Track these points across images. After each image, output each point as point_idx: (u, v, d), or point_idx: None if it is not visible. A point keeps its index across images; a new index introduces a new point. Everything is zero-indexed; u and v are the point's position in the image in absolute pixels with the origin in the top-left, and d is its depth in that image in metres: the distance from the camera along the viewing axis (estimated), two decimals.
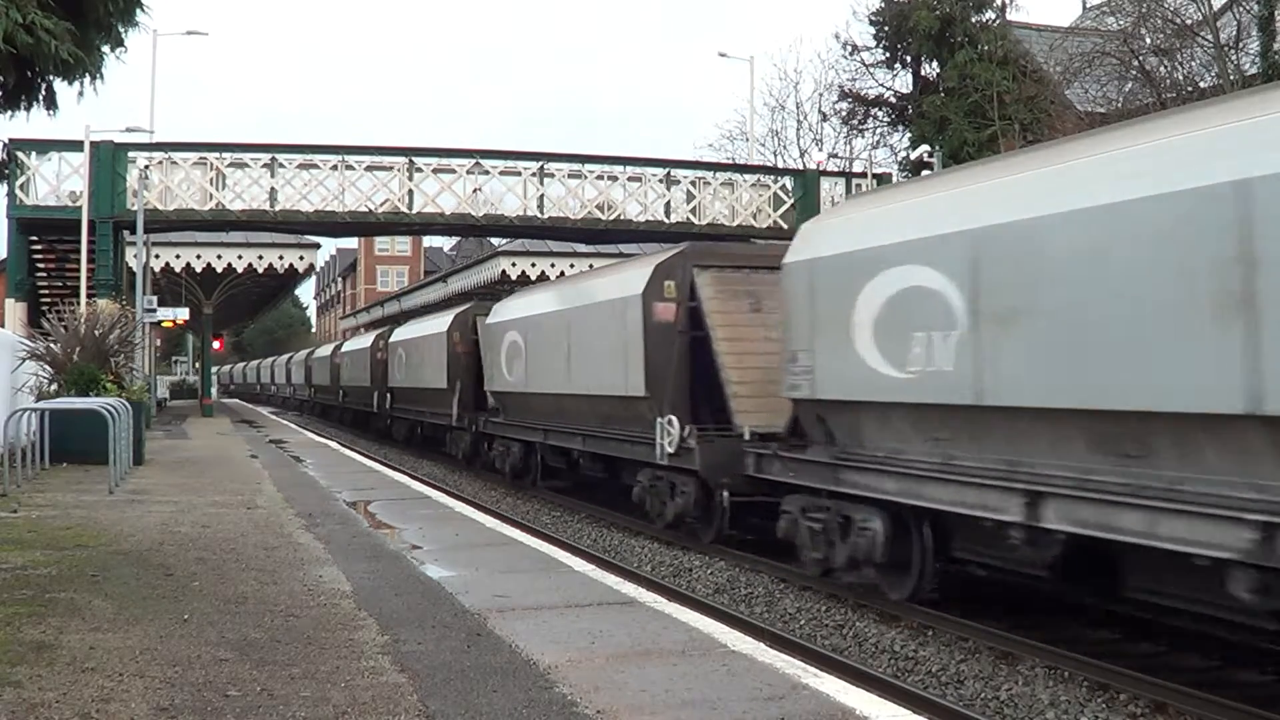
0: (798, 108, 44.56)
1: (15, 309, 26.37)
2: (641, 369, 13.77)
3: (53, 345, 20.10)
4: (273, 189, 27.95)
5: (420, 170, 29.08)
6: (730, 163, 38.09)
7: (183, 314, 34.16)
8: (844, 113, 39.75)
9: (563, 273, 39.01)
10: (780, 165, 40.03)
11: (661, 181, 30.49)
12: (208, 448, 23.36)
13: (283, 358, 73.00)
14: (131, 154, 27.41)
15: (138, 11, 12.43)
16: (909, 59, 37.28)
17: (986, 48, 32.70)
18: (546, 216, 29.65)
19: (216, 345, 50.41)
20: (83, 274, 25.97)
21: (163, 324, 34.73)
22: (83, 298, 25.21)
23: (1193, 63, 25.14)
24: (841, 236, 10.23)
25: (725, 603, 10.50)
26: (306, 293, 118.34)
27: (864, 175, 32.75)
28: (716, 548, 12.98)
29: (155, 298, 31.07)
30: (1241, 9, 24.33)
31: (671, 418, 13.00)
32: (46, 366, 19.89)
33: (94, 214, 26.34)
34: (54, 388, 19.34)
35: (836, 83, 39.90)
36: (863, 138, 40.54)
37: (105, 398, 16.72)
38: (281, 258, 36.87)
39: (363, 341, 37.44)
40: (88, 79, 11.98)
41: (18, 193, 26.22)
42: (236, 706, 5.05)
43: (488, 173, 29.36)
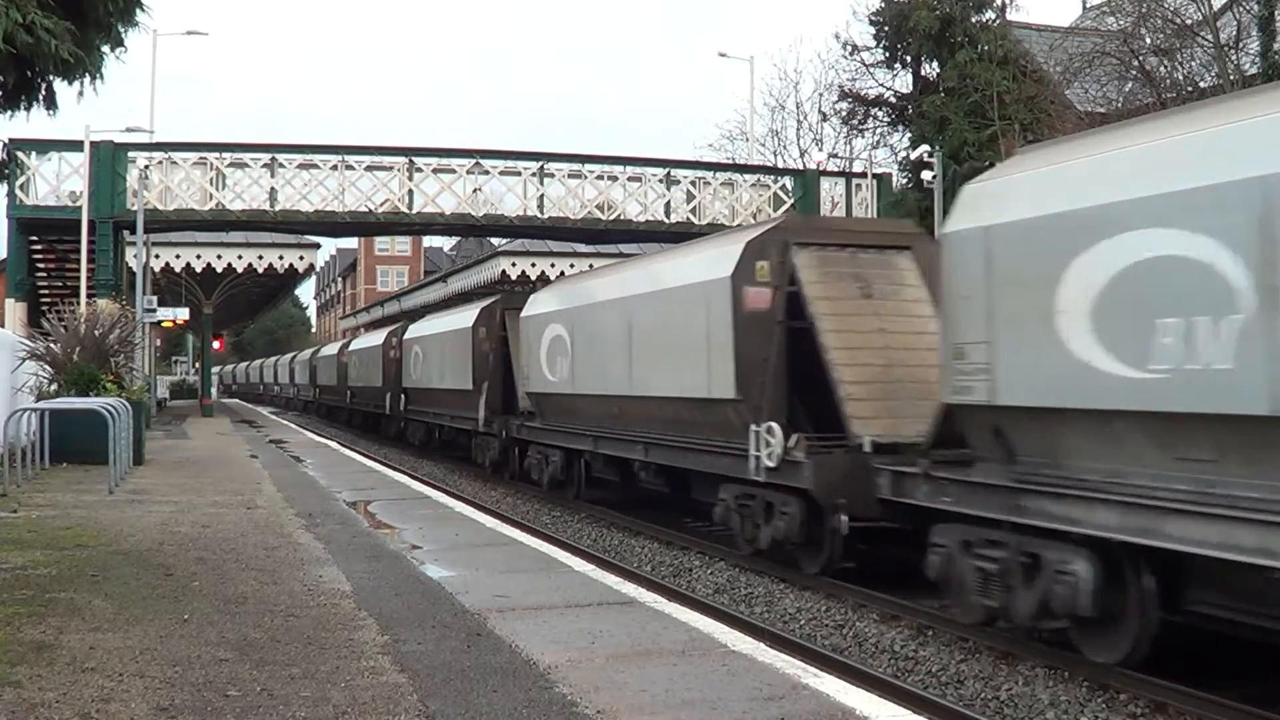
0: (798, 108, 44.62)
1: (15, 309, 26.39)
2: (730, 367, 11.69)
3: (53, 345, 20.10)
4: (273, 189, 27.97)
5: (420, 170, 29.11)
6: (730, 163, 38.12)
7: (183, 314, 34.21)
8: (844, 113, 39.71)
9: (563, 273, 38.64)
10: (780, 165, 40.06)
11: (661, 181, 30.51)
12: (208, 448, 23.36)
13: (286, 357, 71.28)
14: (131, 154, 27.44)
15: (138, 11, 12.40)
16: (909, 59, 37.23)
17: (986, 48, 32.66)
18: (546, 216, 29.67)
19: (216, 345, 50.43)
20: (83, 274, 25.99)
21: (163, 324, 34.77)
22: (83, 298, 25.22)
23: (1193, 63, 25.14)
24: (1034, 196, 8.10)
25: (725, 603, 10.50)
26: (306, 293, 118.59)
27: (864, 175, 32.78)
28: (826, 579, 11.04)
29: (155, 298, 31.10)
30: (1241, 9, 24.32)
31: (772, 425, 10.93)
32: (46, 366, 19.90)
33: (94, 214, 26.38)
34: (54, 388, 19.35)
35: (836, 83, 39.85)
36: (863, 138, 40.52)
37: (105, 398, 16.73)
38: (281, 258, 36.91)
39: (373, 339, 35.64)
40: (88, 79, 11.96)
41: (18, 193, 26.26)
42: (236, 706, 5.05)
43: (488, 173, 29.38)
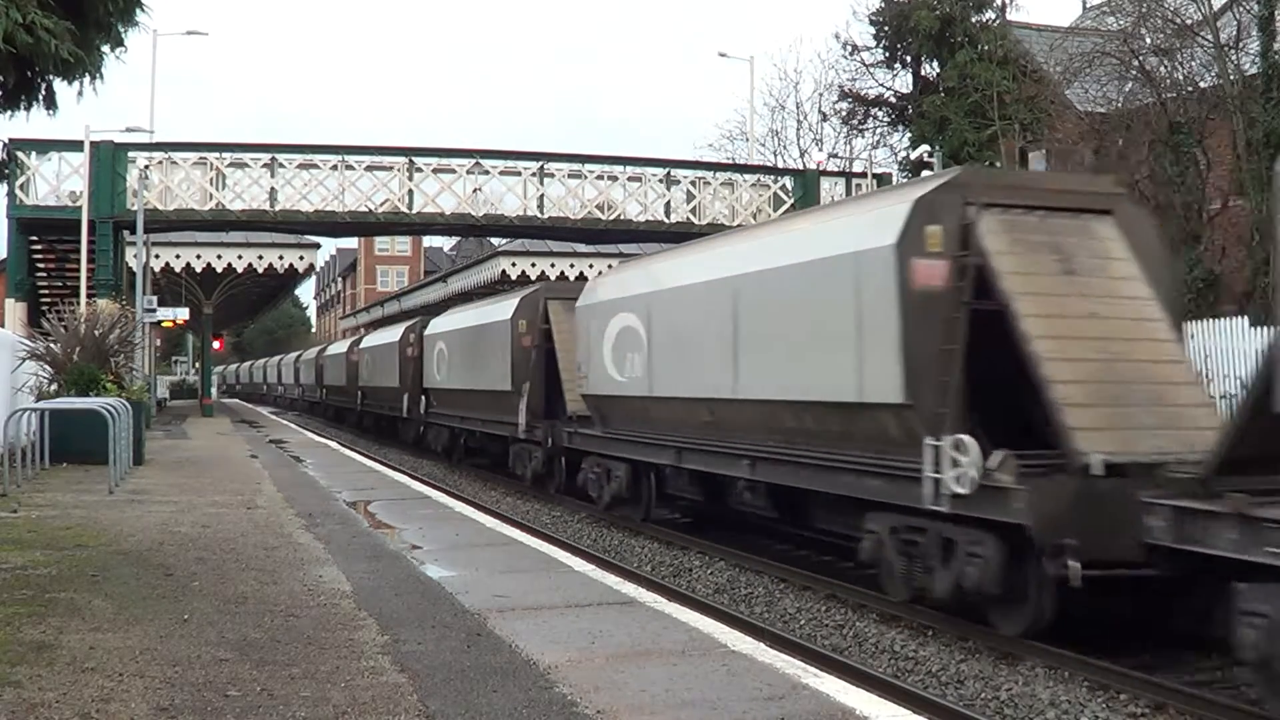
0: (798, 108, 44.65)
1: (15, 309, 26.40)
2: (895, 362, 9.09)
3: (53, 345, 20.10)
4: (273, 189, 27.97)
5: (420, 170, 29.11)
6: (730, 163, 38.13)
7: (183, 314, 34.23)
8: (844, 113, 39.82)
9: (562, 273, 38.61)
10: (780, 165, 40.06)
11: (661, 181, 30.51)
12: (208, 448, 23.35)
13: (290, 356, 67.97)
14: (131, 154, 27.45)
15: (138, 11, 12.40)
16: (909, 59, 37.30)
17: (986, 48, 32.71)
18: (546, 216, 29.67)
19: (216, 345, 50.42)
20: (83, 274, 25.99)
21: (163, 324, 34.77)
22: (83, 298, 25.22)
23: (1193, 63, 25.15)
24: None
25: (725, 603, 10.50)
26: (306, 293, 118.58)
27: (864, 175, 32.78)
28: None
29: (155, 298, 31.11)
30: (1241, 9, 24.33)
31: (962, 439, 8.49)
32: (46, 366, 19.89)
33: (94, 214, 26.38)
34: (54, 388, 19.35)
35: (836, 83, 39.99)
36: (863, 138, 40.63)
37: (105, 398, 16.72)
38: (281, 258, 36.92)
39: (388, 335, 32.97)
40: (88, 79, 11.95)
41: (18, 193, 26.27)
42: (236, 706, 5.05)
43: (488, 173, 29.38)
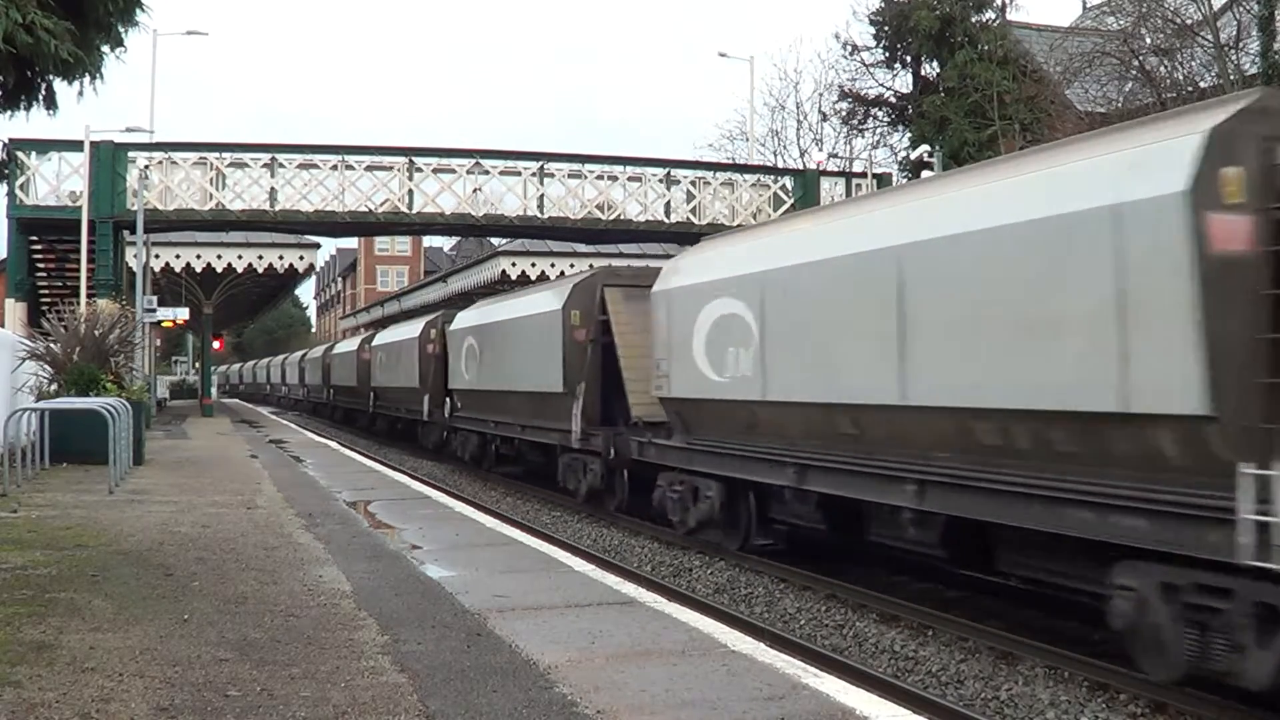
0: (798, 108, 44.72)
1: (15, 309, 26.39)
2: (1191, 357, 6.46)
3: (53, 345, 20.10)
4: (273, 189, 27.96)
5: (420, 170, 29.10)
6: (730, 163, 38.12)
7: (183, 314, 34.20)
8: (844, 113, 39.84)
9: (563, 273, 38.49)
10: (780, 165, 40.08)
11: (661, 181, 30.51)
12: (207, 448, 23.35)
13: (294, 355, 65.60)
14: (131, 154, 27.44)
15: (138, 11, 12.43)
16: (909, 59, 37.32)
17: (986, 48, 32.73)
18: (546, 216, 29.67)
19: (216, 345, 50.40)
20: (83, 274, 25.98)
21: (163, 324, 34.75)
22: (83, 298, 25.22)
23: (1193, 63, 25.15)
24: None
25: (725, 603, 10.50)
26: (306, 293, 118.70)
27: (864, 175, 32.77)
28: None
29: (155, 298, 31.10)
30: (1241, 9, 24.33)
31: None
32: (46, 366, 19.89)
33: (94, 214, 26.37)
34: (54, 388, 19.35)
35: (836, 83, 40.03)
36: (863, 138, 40.67)
37: (105, 398, 16.72)
38: (281, 258, 36.92)
39: (406, 330, 30.62)
40: (88, 79, 11.98)
41: (18, 193, 26.26)
42: (236, 706, 5.05)
43: (488, 173, 29.37)
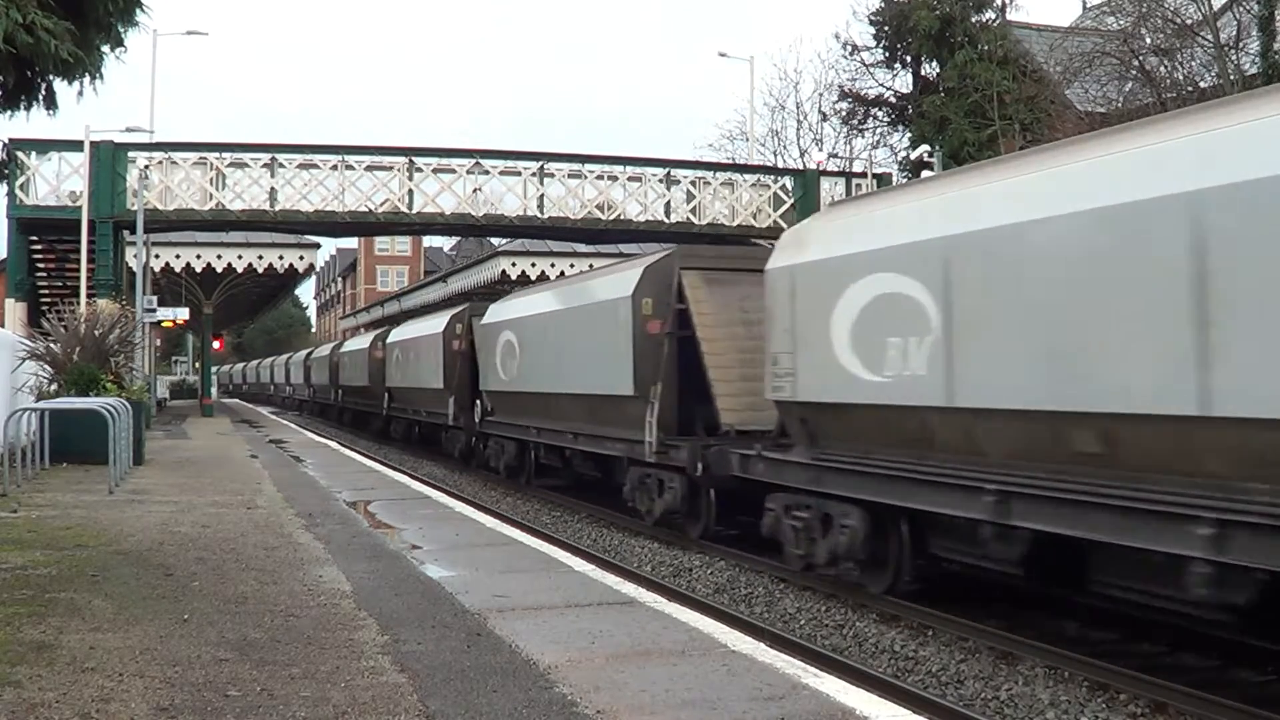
0: (798, 108, 44.63)
1: (15, 309, 26.39)
2: None
3: (53, 345, 20.10)
4: (273, 189, 27.97)
5: (420, 170, 29.11)
6: (730, 163, 38.11)
7: (183, 314, 34.20)
8: (844, 113, 39.81)
9: (563, 273, 38.52)
10: (780, 165, 40.05)
11: (661, 181, 30.51)
12: (207, 448, 23.35)
13: (299, 354, 62.74)
14: (131, 154, 27.44)
15: (138, 11, 12.45)
16: (909, 59, 37.30)
17: (986, 48, 32.72)
18: (546, 216, 29.67)
19: (216, 345, 50.41)
20: (83, 274, 25.99)
21: (163, 324, 34.76)
22: (83, 298, 25.22)
23: (1193, 63, 25.16)
24: None
25: (725, 603, 10.50)
26: (306, 293, 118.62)
27: (864, 175, 32.78)
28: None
29: (155, 298, 31.09)
30: (1241, 9, 24.34)
31: None
32: (46, 366, 19.89)
33: (94, 214, 26.37)
34: (54, 388, 19.34)
35: (836, 83, 39.99)
36: (863, 138, 40.63)
37: (105, 398, 16.72)
38: (281, 258, 36.92)
39: (428, 325, 27.69)
40: (88, 79, 12.00)
41: (18, 193, 26.26)
42: (236, 706, 5.05)
43: (488, 173, 29.38)
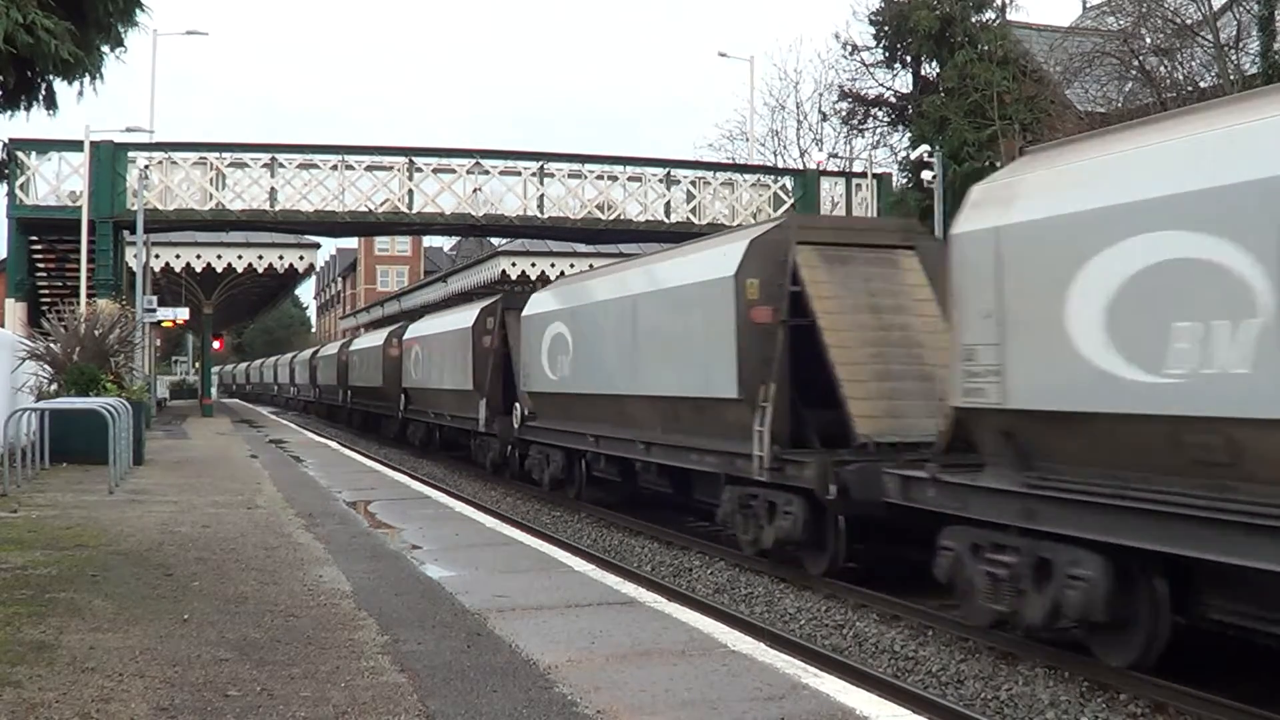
0: (798, 108, 44.60)
1: (15, 309, 26.39)
2: None
3: (53, 345, 20.10)
4: (273, 189, 27.97)
5: (420, 170, 29.10)
6: (730, 163, 38.11)
7: (183, 314, 34.22)
8: (844, 113, 39.74)
9: (563, 273, 38.45)
10: (780, 165, 40.05)
11: (661, 181, 30.51)
12: (208, 448, 23.35)
13: (304, 353, 60.69)
14: (131, 154, 27.44)
15: (137, 11, 12.43)
16: (909, 59, 37.24)
17: (986, 48, 32.66)
18: (546, 216, 29.67)
19: (216, 345, 50.41)
20: (83, 274, 25.99)
21: (163, 324, 34.77)
22: (83, 298, 25.23)
23: (1193, 63, 25.15)
24: None
25: (725, 603, 10.50)
26: (306, 293, 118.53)
27: (864, 175, 32.77)
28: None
29: (155, 298, 31.10)
30: (1241, 9, 24.33)
31: None
32: (46, 366, 19.90)
33: (94, 214, 26.37)
34: (54, 388, 19.35)
35: (836, 83, 39.89)
36: (863, 138, 40.56)
37: (105, 398, 16.72)
38: (281, 258, 36.90)
39: (453, 320, 24.92)
40: (88, 79, 11.99)
41: (18, 193, 26.26)
42: (236, 706, 5.05)
43: (488, 173, 29.38)
